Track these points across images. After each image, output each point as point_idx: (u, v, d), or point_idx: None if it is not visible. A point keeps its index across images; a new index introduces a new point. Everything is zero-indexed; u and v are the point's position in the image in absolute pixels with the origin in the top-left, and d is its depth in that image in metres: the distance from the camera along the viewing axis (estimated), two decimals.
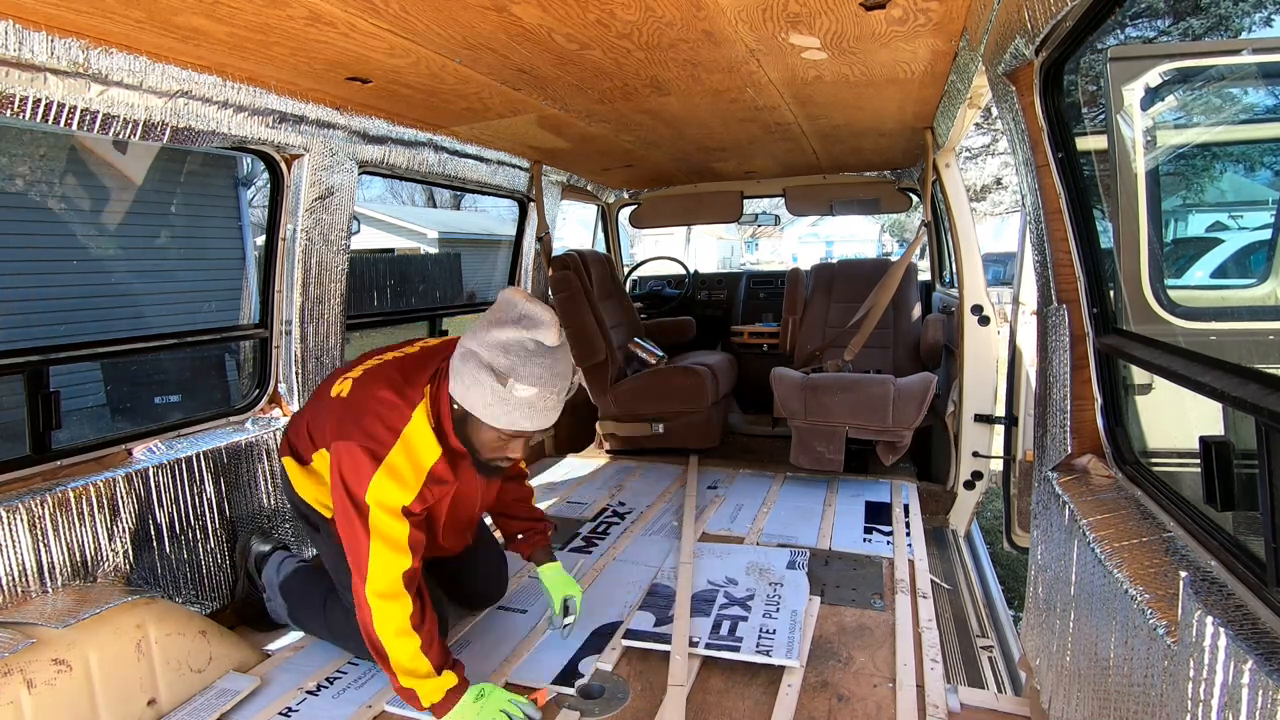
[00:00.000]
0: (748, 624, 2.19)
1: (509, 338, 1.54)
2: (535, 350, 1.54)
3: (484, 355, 1.54)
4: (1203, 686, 0.94)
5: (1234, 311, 2.98)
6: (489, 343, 1.55)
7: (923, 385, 3.33)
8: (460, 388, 1.58)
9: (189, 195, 8.15)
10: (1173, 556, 1.22)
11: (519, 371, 1.52)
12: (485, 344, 1.55)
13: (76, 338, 2.21)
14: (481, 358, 1.54)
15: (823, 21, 1.78)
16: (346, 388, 1.75)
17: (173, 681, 1.85)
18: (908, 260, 3.74)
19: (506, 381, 1.53)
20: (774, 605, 2.30)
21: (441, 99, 2.41)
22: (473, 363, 1.55)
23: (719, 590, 2.40)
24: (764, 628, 2.16)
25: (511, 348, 1.53)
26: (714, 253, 26.35)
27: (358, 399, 1.70)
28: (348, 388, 1.75)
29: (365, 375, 1.76)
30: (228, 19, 1.64)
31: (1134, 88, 2.39)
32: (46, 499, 1.80)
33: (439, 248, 17.76)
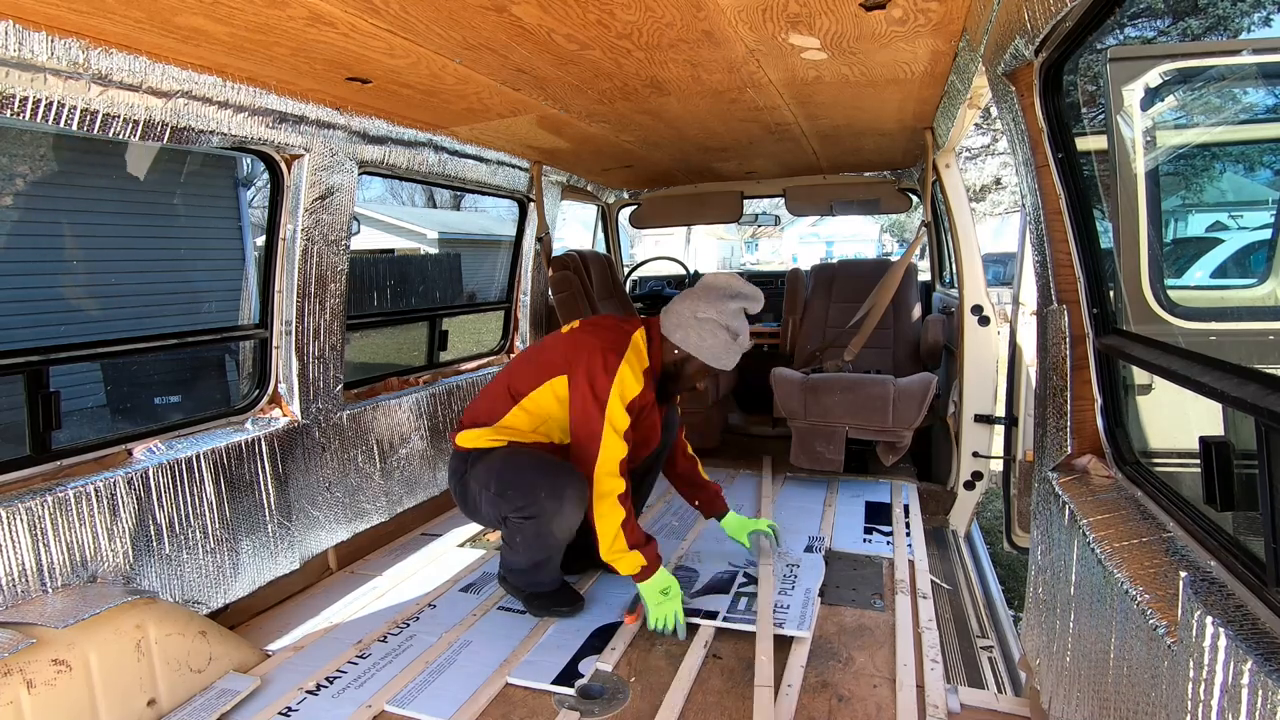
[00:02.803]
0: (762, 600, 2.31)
1: (736, 307, 2.24)
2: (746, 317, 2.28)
3: (722, 320, 2.22)
4: (1203, 686, 0.94)
5: (1234, 311, 2.98)
6: (725, 310, 2.22)
7: (923, 385, 3.33)
8: (694, 339, 2.23)
9: (189, 195, 8.15)
10: (1173, 556, 1.22)
11: (742, 331, 2.25)
12: (722, 311, 2.22)
13: (76, 338, 2.20)
14: (720, 321, 2.22)
15: (823, 22, 1.78)
16: (576, 325, 2.38)
17: (173, 681, 1.85)
18: (908, 260, 3.74)
19: (737, 337, 2.24)
20: (789, 584, 2.44)
21: (441, 99, 2.41)
22: (710, 324, 2.21)
23: (739, 570, 2.56)
24: (778, 603, 2.30)
25: (738, 314, 2.25)
26: (714, 253, 26.34)
27: (591, 330, 2.30)
28: (577, 324, 2.38)
29: (586, 321, 2.40)
30: (228, 19, 1.64)
31: (1134, 88, 2.39)
32: (46, 499, 1.79)
33: (439, 248, 17.76)
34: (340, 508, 2.75)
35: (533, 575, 2.31)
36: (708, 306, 2.22)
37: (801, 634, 2.11)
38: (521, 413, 2.28)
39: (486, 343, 4.25)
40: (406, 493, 3.11)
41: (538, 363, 2.30)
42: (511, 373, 2.36)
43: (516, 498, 2.15)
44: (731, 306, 2.22)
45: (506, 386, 2.32)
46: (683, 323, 2.24)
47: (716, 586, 2.45)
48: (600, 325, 2.32)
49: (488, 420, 2.32)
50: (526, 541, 2.20)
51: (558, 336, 2.35)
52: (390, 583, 2.66)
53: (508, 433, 2.30)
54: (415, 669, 2.03)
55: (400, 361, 9.05)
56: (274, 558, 2.45)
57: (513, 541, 2.24)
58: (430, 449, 3.25)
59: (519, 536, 2.20)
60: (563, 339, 2.32)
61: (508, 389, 2.31)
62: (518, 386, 2.30)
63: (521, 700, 1.89)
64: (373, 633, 2.24)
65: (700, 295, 2.25)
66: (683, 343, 2.24)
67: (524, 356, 2.41)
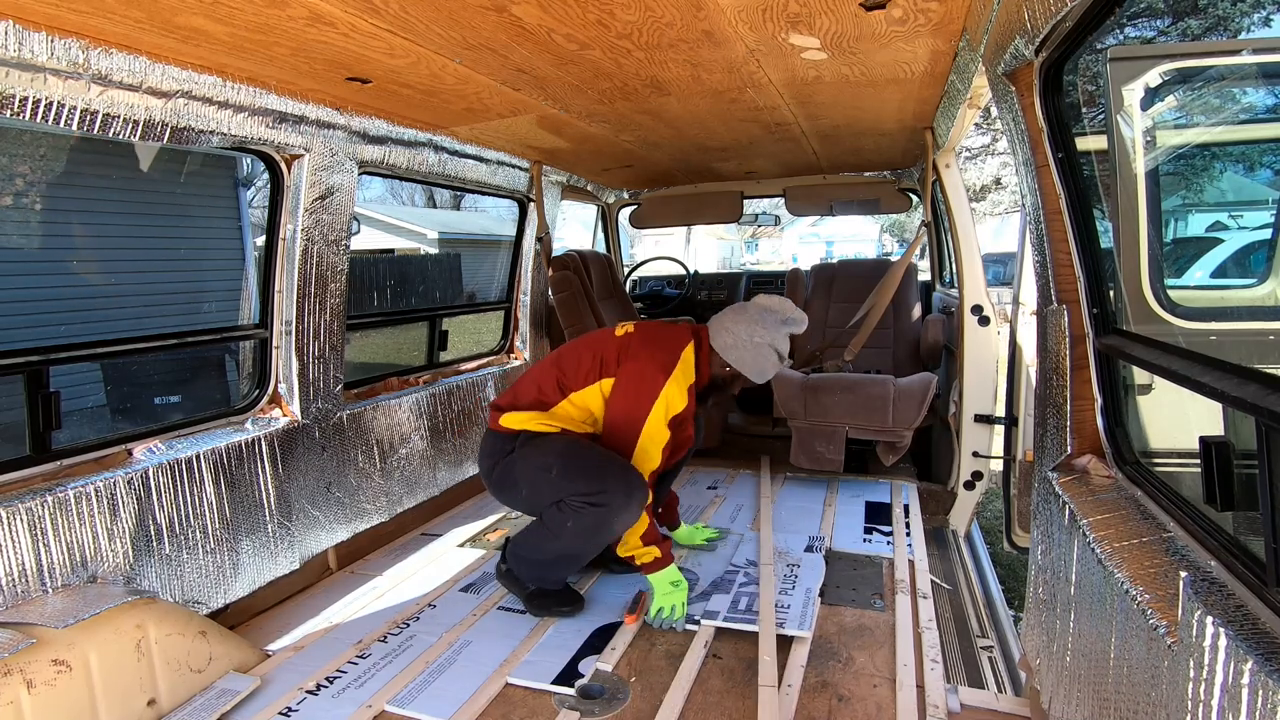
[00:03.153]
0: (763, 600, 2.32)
1: (786, 331, 2.36)
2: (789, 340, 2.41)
3: (775, 343, 2.33)
4: (1203, 686, 0.94)
5: (1234, 311, 2.98)
6: (778, 335, 2.34)
7: (923, 385, 3.33)
8: (747, 358, 2.33)
9: (189, 195, 8.14)
10: (1173, 556, 1.22)
11: (785, 353, 2.39)
12: (775, 336, 2.33)
13: (76, 338, 2.20)
14: (774, 346, 2.33)
15: (823, 22, 1.78)
16: (630, 329, 2.43)
17: (173, 681, 1.85)
18: (908, 260, 3.74)
19: (783, 359, 2.37)
20: (789, 584, 2.45)
21: (441, 99, 2.41)
22: (765, 349, 2.32)
23: (739, 571, 2.57)
24: (779, 603, 2.31)
25: (786, 338, 2.37)
26: (714, 253, 26.32)
27: (646, 339, 2.37)
28: (631, 329, 2.43)
29: (641, 327, 2.45)
30: (228, 19, 1.64)
31: (1134, 88, 2.38)
32: (46, 499, 1.79)
33: (439, 248, 17.75)
34: (340, 508, 2.75)
35: (550, 569, 2.32)
36: (764, 332, 2.32)
37: (802, 634, 2.12)
38: (571, 406, 2.35)
39: (486, 343, 4.25)
40: (406, 493, 3.11)
41: (590, 360, 2.36)
42: (562, 364, 2.40)
43: (584, 483, 2.17)
44: (784, 331, 2.35)
45: (557, 378, 2.37)
46: (738, 344, 2.33)
47: (717, 587, 2.45)
48: (656, 337, 2.38)
49: (535, 406, 2.36)
50: (579, 529, 2.19)
51: (613, 338, 2.40)
52: (390, 583, 2.66)
53: (562, 420, 2.35)
54: (415, 669, 2.03)
55: (400, 361, 9.04)
56: (274, 558, 2.45)
57: (560, 527, 2.21)
58: (430, 449, 3.25)
59: (572, 522, 2.18)
60: (616, 341, 2.38)
61: (557, 381, 2.36)
62: (567, 381, 2.36)
63: (521, 700, 1.89)
64: (373, 633, 2.24)
65: (756, 319, 2.34)
66: (736, 362, 2.33)
67: (575, 349, 2.45)
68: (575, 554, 2.28)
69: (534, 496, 2.30)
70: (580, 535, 2.20)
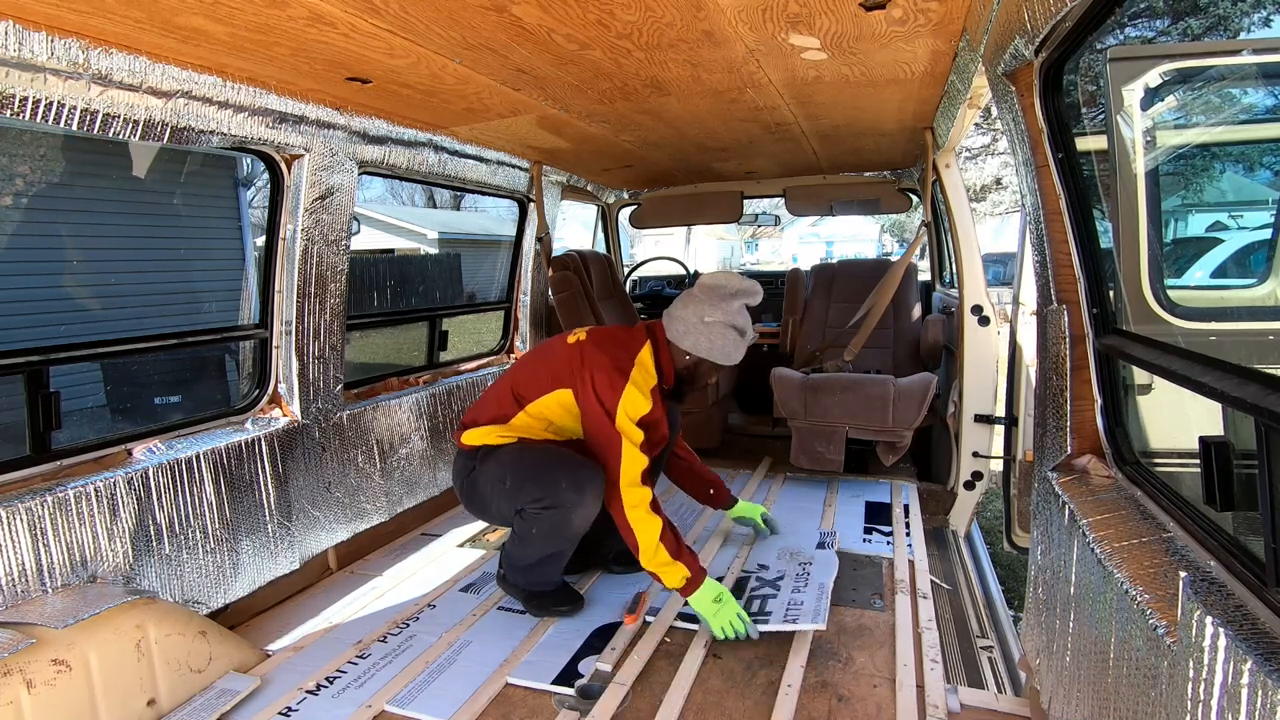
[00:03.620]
0: (777, 600, 2.31)
1: (739, 305, 2.26)
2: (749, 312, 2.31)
3: (728, 320, 2.24)
4: (1203, 686, 0.94)
5: (1234, 311, 2.98)
6: (730, 310, 2.24)
7: (923, 385, 3.33)
8: (704, 343, 2.24)
9: (189, 195, 8.14)
10: (1173, 556, 1.22)
11: (747, 327, 2.29)
12: (727, 312, 2.24)
13: (76, 338, 2.20)
14: (726, 322, 2.24)
15: (823, 22, 1.78)
16: (583, 336, 2.32)
17: (173, 681, 1.85)
18: (908, 260, 3.74)
19: (744, 334, 2.28)
20: (802, 581, 2.43)
21: (441, 99, 2.41)
22: (719, 326, 2.23)
23: (750, 575, 2.54)
24: (792, 601, 2.29)
25: (741, 311, 2.27)
26: (714, 253, 26.32)
27: (599, 344, 2.27)
28: (584, 336, 2.32)
29: (593, 333, 2.34)
30: (228, 19, 1.64)
31: (1134, 88, 2.38)
32: (46, 499, 1.79)
33: (439, 248, 17.75)
34: (340, 508, 2.75)
35: (538, 572, 2.31)
36: (712, 309, 2.24)
37: (818, 626, 2.10)
38: (528, 417, 2.31)
39: (486, 343, 4.25)
40: (406, 493, 3.11)
41: (542, 371, 2.31)
42: (515, 377, 2.37)
43: (534, 489, 2.17)
44: (735, 305, 2.25)
45: (511, 390, 2.34)
46: (690, 329, 2.25)
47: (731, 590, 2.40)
48: (606, 341, 2.30)
49: (495, 420, 2.34)
50: (543, 534, 2.20)
51: (564, 346, 2.33)
52: (390, 583, 2.66)
53: (519, 431, 2.33)
54: (415, 669, 2.03)
55: (400, 361, 9.05)
56: (274, 558, 2.45)
57: (527, 535, 2.24)
58: (430, 449, 3.25)
59: (535, 529, 2.21)
60: (569, 350, 2.30)
61: (512, 393, 2.33)
62: (522, 392, 2.31)
63: (521, 700, 1.89)
64: (373, 633, 2.24)
65: (703, 299, 2.26)
66: (693, 348, 2.26)
67: (528, 361, 2.43)
68: (551, 555, 2.28)
69: (498, 509, 2.32)
70: (546, 538, 2.22)
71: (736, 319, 2.26)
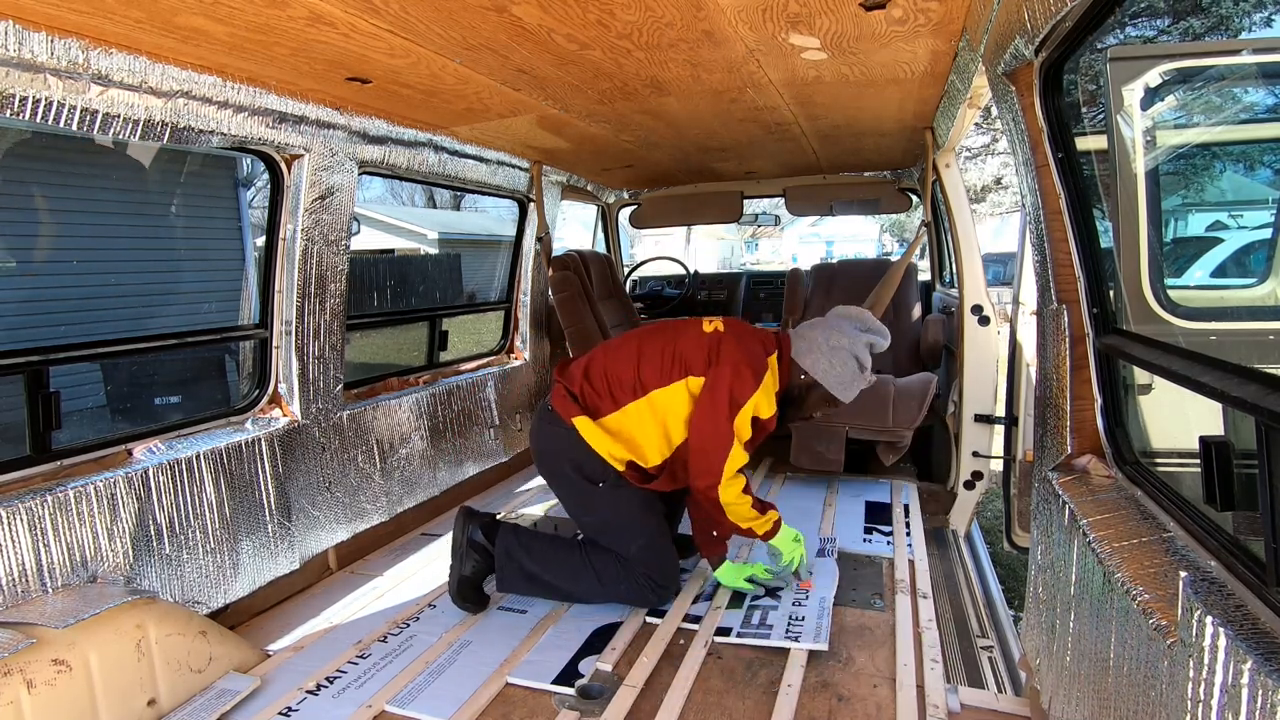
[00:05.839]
0: (778, 613, 2.28)
1: (866, 341, 2.24)
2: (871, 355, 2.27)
3: (854, 350, 2.22)
4: (1203, 686, 0.94)
5: (1234, 311, 2.98)
6: (859, 343, 2.23)
7: (923, 385, 3.33)
8: (823, 364, 2.22)
9: (189, 195, 8.14)
10: (1173, 556, 1.22)
11: (868, 365, 2.26)
12: (856, 343, 2.22)
13: (76, 338, 2.21)
14: (853, 351, 2.22)
15: (823, 21, 1.78)
16: (720, 325, 2.29)
17: (173, 681, 1.85)
18: (908, 260, 3.74)
19: (864, 370, 2.25)
20: (803, 594, 2.39)
21: (441, 99, 2.41)
22: (844, 353, 2.22)
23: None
24: (793, 615, 2.27)
25: (867, 348, 2.25)
26: (714, 253, 26.31)
27: (739, 337, 2.25)
28: (721, 326, 2.29)
29: (730, 324, 2.31)
30: (228, 19, 1.64)
31: (1134, 88, 2.39)
32: (46, 499, 1.79)
33: (439, 248, 17.75)
34: (340, 508, 2.75)
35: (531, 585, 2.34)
36: (840, 336, 2.23)
37: (819, 646, 2.06)
38: (646, 406, 2.22)
39: (487, 343, 4.25)
40: (406, 493, 3.11)
41: (671, 355, 2.24)
42: (642, 358, 2.26)
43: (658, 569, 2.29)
44: (864, 339, 2.24)
45: (636, 371, 2.24)
46: (814, 348, 2.23)
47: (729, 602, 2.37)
48: (745, 335, 2.28)
49: (609, 406, 2.24)
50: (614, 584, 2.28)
51: (699, 332, 2.27)
52: (390, 583, 2.66)
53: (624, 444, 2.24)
54: (415, 669, 2.03)
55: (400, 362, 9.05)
56: (274, 558, 2.45)
57: (605, 572, 2.28)
58: (430, 449, 3.25)
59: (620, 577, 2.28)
60: (704, 337, 2.25)
61: (637, 375, 2.24)
62: (647, 376, 2.23)
63: (521, 700, 1.89)
64: (373, 633, 2.24)
65: (834, 324, 2.27)
66: (812, 368, 2.23)
67: (657, 343, 2.30)
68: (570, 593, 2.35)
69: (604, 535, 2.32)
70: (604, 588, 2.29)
71: (863, 354, 2.24)
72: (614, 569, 2.28)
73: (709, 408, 2.16)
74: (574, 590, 2.34)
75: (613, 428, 2.25)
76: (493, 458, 3.70)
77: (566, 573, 2.32)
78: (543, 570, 2.32)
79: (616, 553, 2.29)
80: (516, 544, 2.35)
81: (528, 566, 2.32)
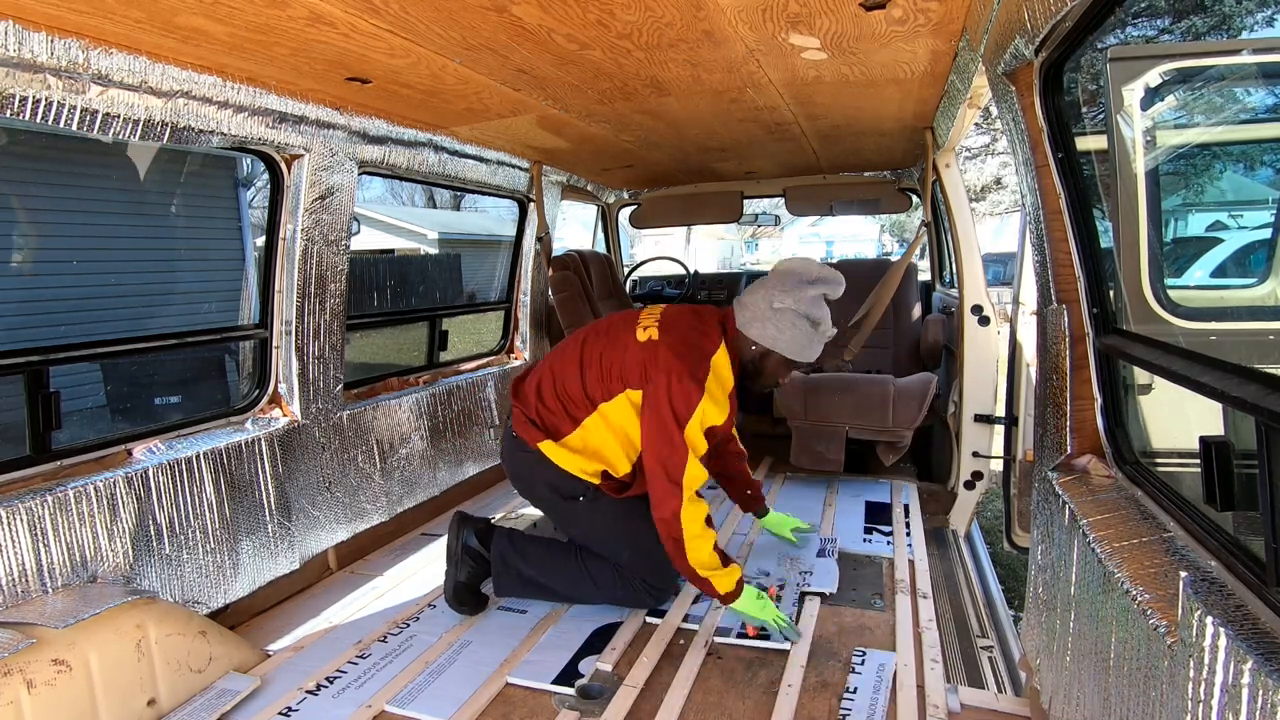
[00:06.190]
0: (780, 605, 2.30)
1: (815, 294, 2.06)
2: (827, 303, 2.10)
3: (800, 308, 2.04)
4: (1203, 686, 0.94)
5: (1234, 311, 2.98)
6: (803, 298, 2.04)
7: (923, 385, 3.33)
8: (771, 332, 2.06)
9: (189, 195, 8.15)
10: (1173, 556, 1.22)
11: (823, 319, 2.08)
12: (800, 300, 2.04)
13: (76, 338, 2.21)
14: (798, 310, 2.04)
15: (823, 21, 1.78)
16: (654, 333, 2.11)
17: (173, 681, 1.85)
18: (908, 260, 3.73)
19: (818, 326, 2.07)
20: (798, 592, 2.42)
21: (441, 99, 2.41)
22: (789, 315, 2.04)
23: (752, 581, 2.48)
24: (791, 615, 2.27)
25: (818, 302, 2.07)
26: (714, 253, 26.33)
27: (673, 346, 2.07)
28: (655, 334, 2.11)
29: (665, 327, 2.13)
30: (228, 19, 1.64)
31: (1134, 88, 2.39)
32: (46, 499, 1.79)
33: (439, 248, 17.76)
34: (340, 508, 2.75)
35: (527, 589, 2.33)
36: (783, 295, 2.05)
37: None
38: (600, 419, 2.17)
39: (487, 343, 4.25)
40: (406, 493, 3.11)
41: (612, 368, 2.14)
42: (584, 368, 2.19)
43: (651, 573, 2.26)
44: (810, 293, 2.05)
45: (582, 386, 2.17)
46: (758, 315, 2.08)
47: None
48: (679, 342, 2.09)
49: (568, 425, 2.20)
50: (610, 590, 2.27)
51: (635, 344, 2.13)
52: (390, 583, 2.66)
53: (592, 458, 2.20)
54: (415, 669, 2.03)
55: (400, 361, 9.05)
56: (274, 558, 2.45)
57: (601, 578, 2.26)
58: (430, 449, 3.25)
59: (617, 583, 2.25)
60: (640, 350, 2.10)
61: (584, 391, 2.17)
62: (592, 390, 2.16)
63: (521, 700, 1.89)
64: (373, 633, 2.24)
65: (775, 284, 2.09)
66: (760, 338, 2.09)
67: (595, 350, 2.21)
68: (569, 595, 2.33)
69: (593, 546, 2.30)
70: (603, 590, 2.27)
71: (811, 309, 2.04)
72: (609, 575, 2.27)
73: (654, 427, 2.02)
74: (572, 594, 2.34)
75: (577, 445, 2.19)
76: (493, 458, 3.70)
77: (563, 578, 2.30)
78: (539, 574, 2.30)
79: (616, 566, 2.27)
80: (511, 549, 2.32)
81: (524, 572, 2.30)
